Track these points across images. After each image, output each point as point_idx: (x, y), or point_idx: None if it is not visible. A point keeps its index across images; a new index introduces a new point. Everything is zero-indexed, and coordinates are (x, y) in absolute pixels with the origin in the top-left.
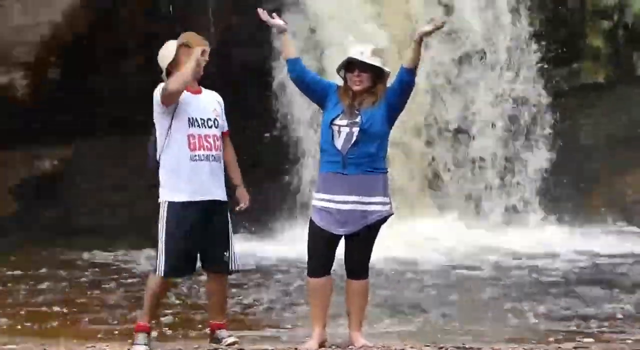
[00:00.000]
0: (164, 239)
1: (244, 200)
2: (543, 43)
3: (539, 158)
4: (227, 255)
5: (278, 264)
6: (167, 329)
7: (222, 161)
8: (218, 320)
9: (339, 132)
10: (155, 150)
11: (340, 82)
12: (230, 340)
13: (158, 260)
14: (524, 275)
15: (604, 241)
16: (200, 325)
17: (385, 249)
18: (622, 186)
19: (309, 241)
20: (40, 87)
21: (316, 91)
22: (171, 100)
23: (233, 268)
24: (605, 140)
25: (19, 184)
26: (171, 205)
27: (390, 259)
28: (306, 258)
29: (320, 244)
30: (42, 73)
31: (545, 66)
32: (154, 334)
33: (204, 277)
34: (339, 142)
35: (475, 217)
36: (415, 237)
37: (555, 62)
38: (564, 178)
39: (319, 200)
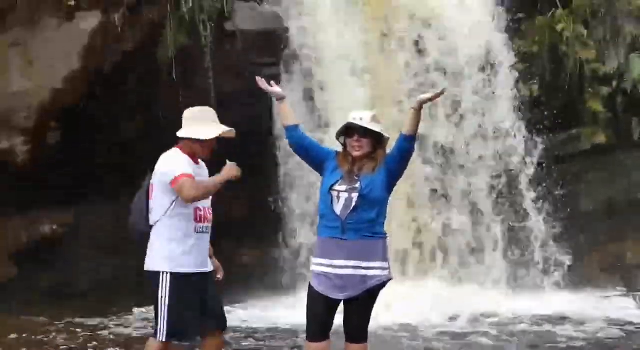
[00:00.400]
0: (166, 307)
1: (220, 271)
2: (542, 109)
3: (539, 222)
4: (224, 312)
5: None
6: None
7: None
8: None
9: (338, 197)
10: (145, 214)
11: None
12: None
13: (160, 326)
14: (531, 339)
15: (605, 306)
16: None
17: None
18: (621, 250)
19: (307, 306)
20: (40, 151)
21: (315, 157)
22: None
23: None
24: (605, 205)
25: (19, 249)
26: (174, 276)
27: (390, 322)
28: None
29: (319, 309)
30: (42, 137)
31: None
32: None
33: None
34: (338, 208)
35: (475, 279)
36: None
37: (554, 128)
38: (564, 243)
39: (318, 265)
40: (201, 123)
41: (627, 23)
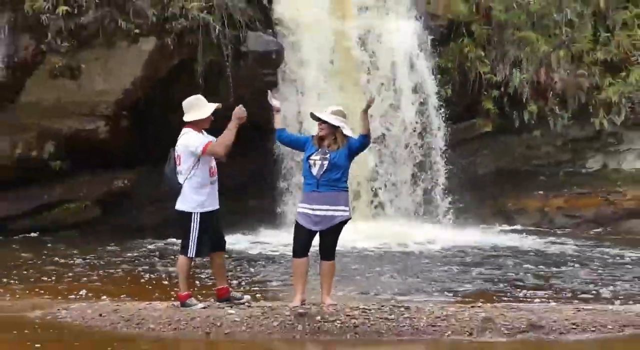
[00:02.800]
0: (196, 234)
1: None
2: (453, 105)
3: (449, 183)
4: (223, 235)
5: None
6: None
7: None
8: (224, 285)
9: (314, 164)
10: (176, 175)
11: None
12: (247, 297)
13: (190, 248)
14: (439, 257)
15: (491, 237)
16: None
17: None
18: (505, 201)
19: (294, 234)
20: (115, 131)
21: (297, 145)
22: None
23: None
24: (495, 171)
25: (100, 197)
26: (199, 214)
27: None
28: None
29: (302, 236)
30: (117, 122)
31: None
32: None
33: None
34: (314, 171)
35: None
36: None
37: (460, 119)
38: (466, 196)
39: (302, 208)
40: (198, 107)
41: (511, 48)
